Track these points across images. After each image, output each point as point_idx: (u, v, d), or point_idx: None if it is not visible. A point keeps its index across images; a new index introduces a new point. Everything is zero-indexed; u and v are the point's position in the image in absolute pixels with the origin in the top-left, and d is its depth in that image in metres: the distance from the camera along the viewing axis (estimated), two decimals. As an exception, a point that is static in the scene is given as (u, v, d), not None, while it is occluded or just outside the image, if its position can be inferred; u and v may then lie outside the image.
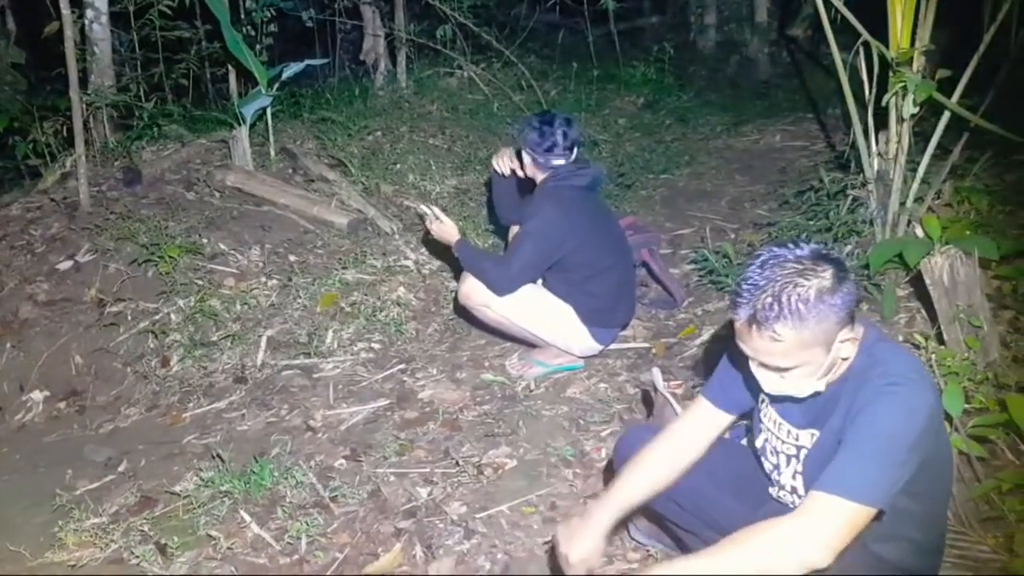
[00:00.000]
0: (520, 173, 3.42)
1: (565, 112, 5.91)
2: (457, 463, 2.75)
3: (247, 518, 2.52)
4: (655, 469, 1.89)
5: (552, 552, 2.01)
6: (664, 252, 4.24)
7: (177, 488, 2.69)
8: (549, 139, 3.23)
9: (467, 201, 4.93)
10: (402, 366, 3.45)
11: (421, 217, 3.48)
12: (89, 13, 4.56)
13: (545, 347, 3.35)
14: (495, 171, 3.53)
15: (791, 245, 1.59)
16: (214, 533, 2.46)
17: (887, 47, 3.22)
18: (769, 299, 1.53)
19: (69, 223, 3.94)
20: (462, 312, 3.65)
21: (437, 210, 3.32)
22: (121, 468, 2.90)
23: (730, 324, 1.64)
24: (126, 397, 3.35)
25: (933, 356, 2.57)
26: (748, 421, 1.98)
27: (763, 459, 1.88)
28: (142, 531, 2.52)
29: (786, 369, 1.60)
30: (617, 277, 3.32)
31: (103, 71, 4.65)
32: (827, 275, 1.54)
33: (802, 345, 1.55)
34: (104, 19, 4.63)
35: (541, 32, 7.93)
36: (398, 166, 5.04)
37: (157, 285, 3.67)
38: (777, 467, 1.84)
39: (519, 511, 2.51)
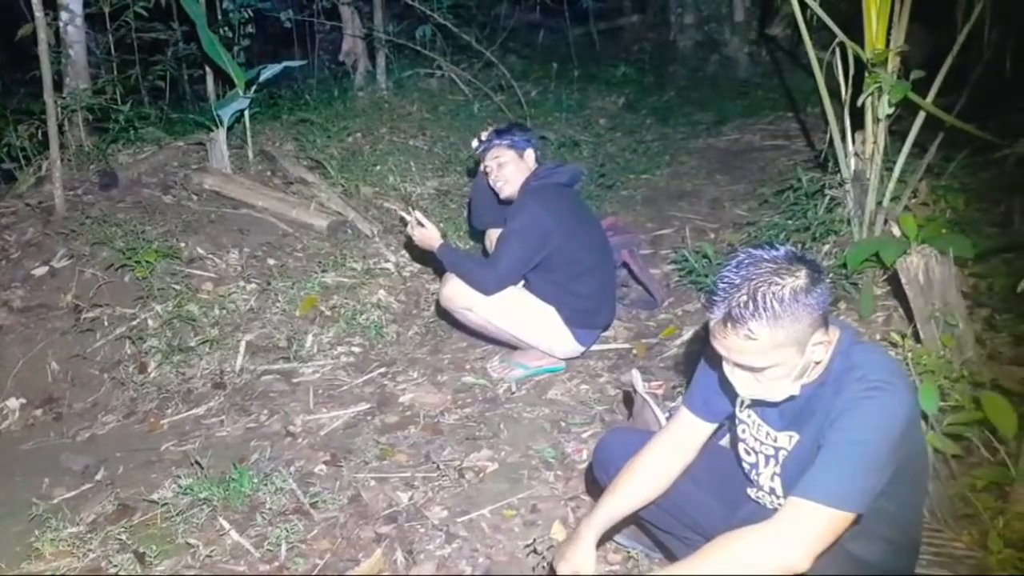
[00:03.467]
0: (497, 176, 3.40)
1: (546, 113, 5.96)
2: (438, 467, 2.74)
3: (226, 525, 2.50)
4: (642, 483, 1.92)
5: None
6: (645, 252, 4.26)
7: (155, 496, 2.67)
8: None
9: (448, 203, 4.92)
10: (383, 370, 3.43)
11: (403, 222, 3.46)
12: (63, 15, 4.51)
13: (527, 349, 3.35)
14: (482, 171, 3.54)
15: (766, 246, 1.61)
16: (193, 541, 2.44)
17: (863, 48, 3.24)
18: (744, 297, 1.54)
19: (44, 228, 3.90)
20: (444, 315, 3.65)
21: (419, 214, 3.31)
22: (98, 476, 2.87)
23: (707, 326, 1.65)
24: (103, 404, 3.32)
25: (910, 354, 2.58)
26: (728, 421, 1.99)
27: (742, 458, 1.89)
28: (120, 540, 2.49)
29: (760, 369, 1.61)
30: (600, 277, 3.33)
31: (78, 73, 4.60)
32: (801, 275, 1.55)
33: (776, 344, 1.56)
34: (79, 21, 4.58)
35: (521, 32, 7.95)
36: (378, 167, 5.03)
37: (134, 290, 3.63)
38: (755, 466, 1.85)
39: (500, 514, 2.51)
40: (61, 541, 2.49)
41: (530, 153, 3.34)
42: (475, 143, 3.47)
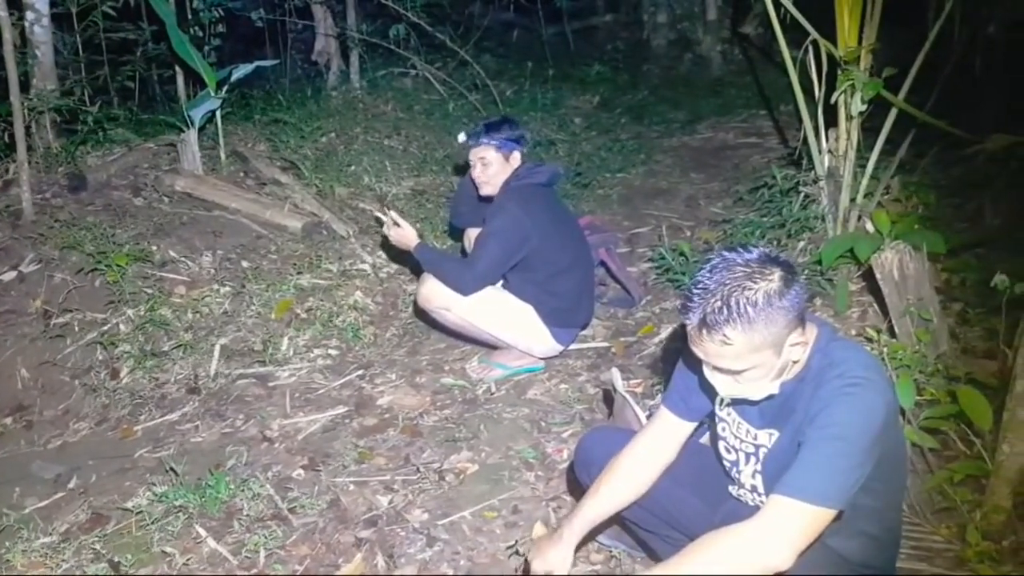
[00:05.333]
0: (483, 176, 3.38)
1: (521, 112, 5.95)
2: (418, 469, 2.72)
3: (203, 533, 2.46)
4: (623, 485, 1.92)
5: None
6: (622, 251, 4.26)
7: (129, 504, 2.63)
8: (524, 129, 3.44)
9: (424, 203, 4.89)
10: (360, 372, 3.41)
11: (379, 222, 3.43)
12: (29, 15, 4.42)
13: (506, 349, 3.35)
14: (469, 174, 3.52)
15: (740, 249, 1.61)
16: (169, 549, 2.41)
17: (835, 46, 3.27)
18: (718, 303, 1.54)
19: (12, 232, 3.81)
20: (421, 315, 3.63)
21: (395, 214, 3.29)
22: (71, 485, 2.82)
23: (684, 328, 1.65)
24: (75, 411, 3.25)
25: (885, 349, 2.62)
26: (708, 420, 1.99)
27: (722, 456, 1.90)
28: (94, 549, 2.45)
29: (738, 372, 1.61)
30: (578, 276, 3.33)
31: (45, 74, 4.50)
32: (775, 278, 1.56)
33: (752, 348, 1.56)
34: (45, 21, 4.48)
35: (496, 31, 7.94)
36: (353, 168, 4.99)
37: (105, 294, 3.57)
38: (736, 464, 1.85)
39: (481, 516, 2.50)
40: (33, 552, 2.45)
41: (516, 155, 3.32)
42: (462, 137, 3.45)
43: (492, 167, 3.30)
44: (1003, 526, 2.10)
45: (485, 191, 3.36)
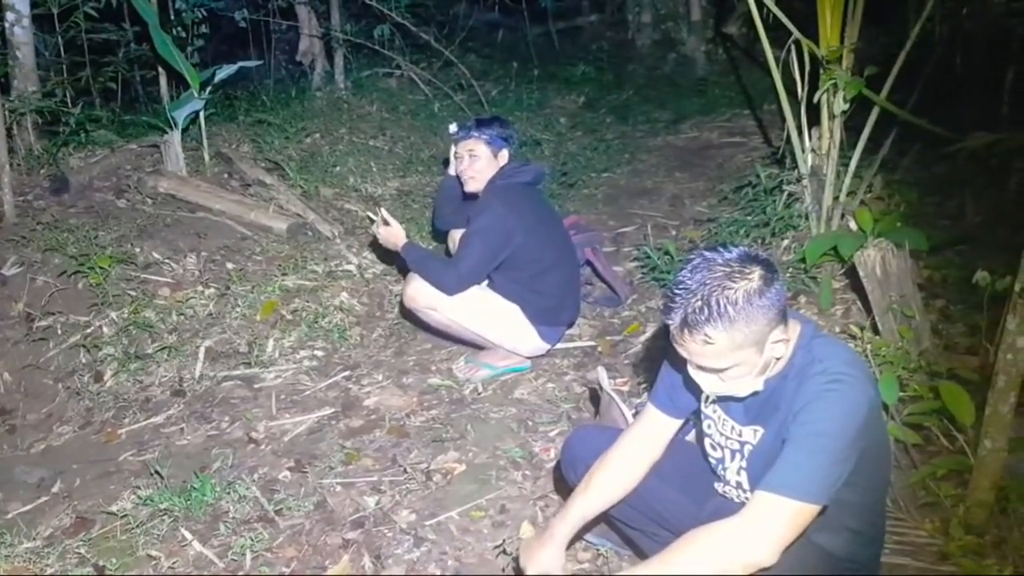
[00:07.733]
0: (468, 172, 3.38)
1: (507, 112, 5.96)
2: (405, 470, 2.72)
3: (188, 536, 2.45)
4: (611, 482, 1.93)
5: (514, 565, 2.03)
6: (607, 250, 4.27)
7: (114, 508, 2.61)
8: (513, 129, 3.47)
9: (410, 203, 4.89)
10: (346, 373, 3.40)
11: (370, 220, 3.44)
12: (9, 16, 4.38)
13: (492, 349, 3.35)
14: (449, 172, 3.53)
15: (720, 248, 1.62)
16: (154, 553, 2.39)
17: (818, 45, 3.30)
18: (699, 303, 1.56)
19: (-7, 235, 3.79)
20: (408, 315, 3.62)
21: (385, 213, 3.30)
22: (55, 489, 2.80)
23: (667, 327, 1.66)
24: (58, 414, 3.23)
25: (868, 346, 2.64)
26: (694, 417, 2.00)
27: (708, 454, 1.91)
28: (79, 554, 2.43)
29: (721, 370, 1.63)
30: (563, 274, 3.33)
31: (26, 76, 4.46)
32: (754, 277, 1.57)
33: (734, 346, 1.58)
34: (26, 22, 4.44)
35: (480, 31, 7.94)
36: (338, 168, 4.98)
37: (88, 297, 3.54)
38: (721, 461, 1.87)
39: (469, 516, 2.50)
40: (17, 557, 2.42)
41: (504, 153, 3.33)
42: (453, 127, 3.45)
43: (480, 161, 3.31)
44: (985, 520, 2.12)
45: (470, 187, 3.36)
